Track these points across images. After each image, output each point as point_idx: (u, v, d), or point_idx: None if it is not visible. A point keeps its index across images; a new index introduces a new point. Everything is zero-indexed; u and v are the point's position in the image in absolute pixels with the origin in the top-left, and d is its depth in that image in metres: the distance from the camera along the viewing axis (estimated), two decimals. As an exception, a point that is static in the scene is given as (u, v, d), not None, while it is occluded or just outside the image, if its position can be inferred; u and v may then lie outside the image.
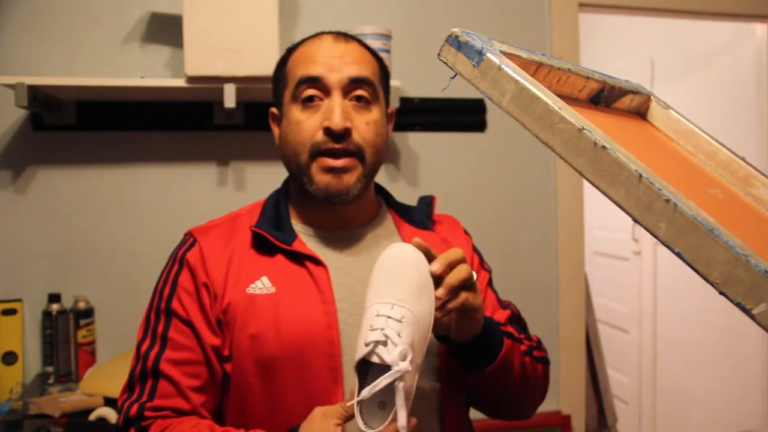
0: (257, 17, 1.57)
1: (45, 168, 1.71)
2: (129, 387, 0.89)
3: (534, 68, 0.61)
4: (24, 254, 1.69)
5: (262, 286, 0.89)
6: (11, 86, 1.49)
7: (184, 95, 1.69)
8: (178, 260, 0.93)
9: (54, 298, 1.65)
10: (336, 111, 0.89)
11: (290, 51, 0.99)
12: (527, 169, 2.00)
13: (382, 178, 1.89)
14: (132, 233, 1.74)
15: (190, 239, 0.94)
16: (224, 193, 1.79)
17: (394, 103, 1.66)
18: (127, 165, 1.75)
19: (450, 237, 1.05)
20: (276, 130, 0.99)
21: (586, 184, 0.63)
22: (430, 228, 1.02)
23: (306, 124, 0.90)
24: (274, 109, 1.00)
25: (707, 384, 2.83)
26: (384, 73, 0.99)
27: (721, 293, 0.44)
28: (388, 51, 1.71)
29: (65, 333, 1.64)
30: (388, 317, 0.72)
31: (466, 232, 1.11)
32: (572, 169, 0.51)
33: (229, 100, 1.55)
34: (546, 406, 2.02)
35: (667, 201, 0.46)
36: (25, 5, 1.69)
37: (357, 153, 0.90)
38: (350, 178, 0.90)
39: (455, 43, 0.56)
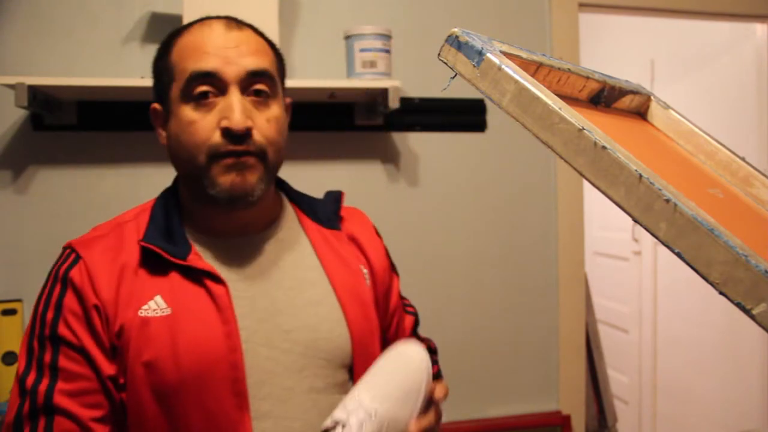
0: (257, 17, 1.56)
1: (45, 168, 1.71)
2: (15, 428, 0.77)
3: (534, 68, 0.61)
4: (24, 254, 1.69)
5: (156, 307, 0.79)
6: (11, 86, 1.49)
7: (184, 95, 1.69)
8: (60, 279, 0.81)
9: (54, 298, 1.65)
10: (235, 109, 0.80)
11: (173, 37, 0.87)
12: (527, 169, 2.00)
13: (382, 178, 1.89)
14: (132, 233, 1.73)
15: (72, 255, 0.84)
16: (224, 193, 1.79)
17: (394, 103, 1.67)
18: (128, 165, 1.75)
19: (359, 235, 0.98)
20: (161, 131, 0.89)
21: (586, 184, 0.63)
22: (337, 227, 0.96)
23: (200, 125, 0.81)
24: (156, 106, 0.89)
25: (707, 384, 2.84)
26: (281, 62, 0.91)
27: (721, 293, 0.44)
28: (388, 51, 1.71)
29: (65, 333, 1.64)
30: (361, 405, 0.74)
31: (377, 233, 1.04)
32: (572, 169, 0.51)
33: (229, 100, 1.55)
34: (546, 406, 2.03)
35: (667, 201, 0.46)
36: (25, 5, 1.69)
37: (259, 153, 0.82)
38: (253, 177, 0.82)
39: (455, 43, 0.56)
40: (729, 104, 2.68)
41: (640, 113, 0.80)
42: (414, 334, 1.08)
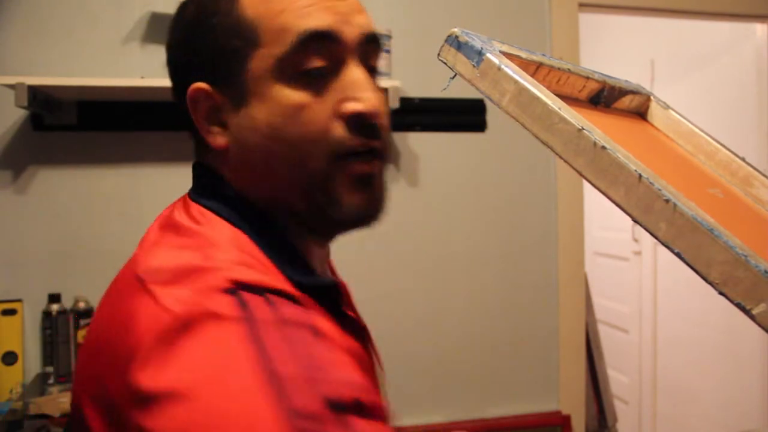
0: (257, 17, 1.57)
1: (45, 168, 1.71)
2: None
3: (534, 68, 0.61)
4: (24, 254, 1.69)
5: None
6: (11, 86, 1.49)
7: (184, 95, 1.69)
8: (302, 325, 0.46)
9: (54, 298, 1.65)
10: (367, 86, 0.55)
11: None
12: (527, 169, 2.00)
13: (382, 178, 1.89)
14: (132, 233, 1.72)
15: (282, 299, 0.47)
16: (224, 193, 1.79)
17: (394, 103, 1.67)
18: (127, 165, 1.75)
19: None
20: (213, 128, 0.58)
21: (586, 184, 0.63)
22: None
23: (315, 110, 0.54)
24: (203, 87, 0.57)
25: (707, 384, 2.83)
26: None
27: (720, 293, 0.44)
28: (388, 51, 1.71)
29: (65, 333, 1.64)
30: None
31: None
32: (572, 169, 0.51)
33: (229, 100, 1.55)
34: (546, 406, 2.03)
35: (667, 201, 0.46)
36: (25, 5, 1.69)
37: (384, 152, 0.58)
38: (382, 190, 0.59)
39: (455, 43, 0.56)
40: (729, 104, 2.67)
41: (640, 113, 0.80)
42: None
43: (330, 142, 0.54)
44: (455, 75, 0.57)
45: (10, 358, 1.63)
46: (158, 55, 1.80)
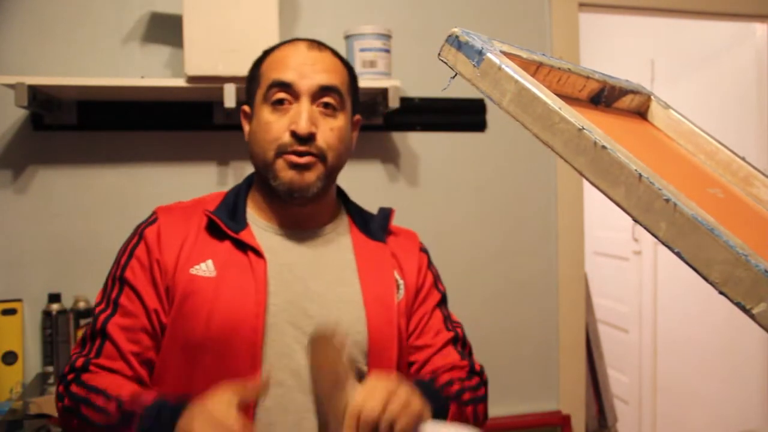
0: (257, 17, 1.57)
1: (45, 168, 1.71)
2: (82, 343, 0.95)
3: (534, 68, 0.61)
4: (24, 254, 1.69)
5: (206, 269, 0.94)
6: (11, 86, 1.49)
7: (184, 95, 1.69)
8: (138, 233, 0.99)
9: (54, 298, 1.65)
10: (303, 116, 0.95)
11: (266, 53, 1.04)
12: (527, 169, 2.00)
13: (382, 178, 1.89)
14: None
15: (153, 216, 1.01)
16: (224, 193, 1.79)
17: (394, 103, 1.67)
18: (127, 165, 1.75)
19: (401, 252, 1.07)
20: (246, 127, 1.04)
21: (586, 184, 0.63)
22: (382, 240, 1.06)
23: (274, 125, 0.96)
24: (246, 107, 1.05)
25: (707, 384, 2.83)
26: (353, 82, 1.05)
27: (721, 293, 0.44)
28: (388, 51, 1.71)
29: (65, 333, 1.64)
30: None
31: (422, 250, 1.12)
32: (572, 169, 0.51)
33: (229, 100, 1.55)
34: (546, 406, 2.03)
35: (667, 201, 0.46)
36: (25, 5, 1.69)
37: (319, 155, 0.96)
38: (311, 176, 0.96)
39: (456, 43, 0.56)
40: (729, 104, 2.68)
41: (641, 113, 0.80)
42: (447, 346, 1.11)
43: (278, 144, 0.96)
44: (456, 75, 0.57)
45: (10, 357, 1.64)
46: (158, 55, 1.80)
